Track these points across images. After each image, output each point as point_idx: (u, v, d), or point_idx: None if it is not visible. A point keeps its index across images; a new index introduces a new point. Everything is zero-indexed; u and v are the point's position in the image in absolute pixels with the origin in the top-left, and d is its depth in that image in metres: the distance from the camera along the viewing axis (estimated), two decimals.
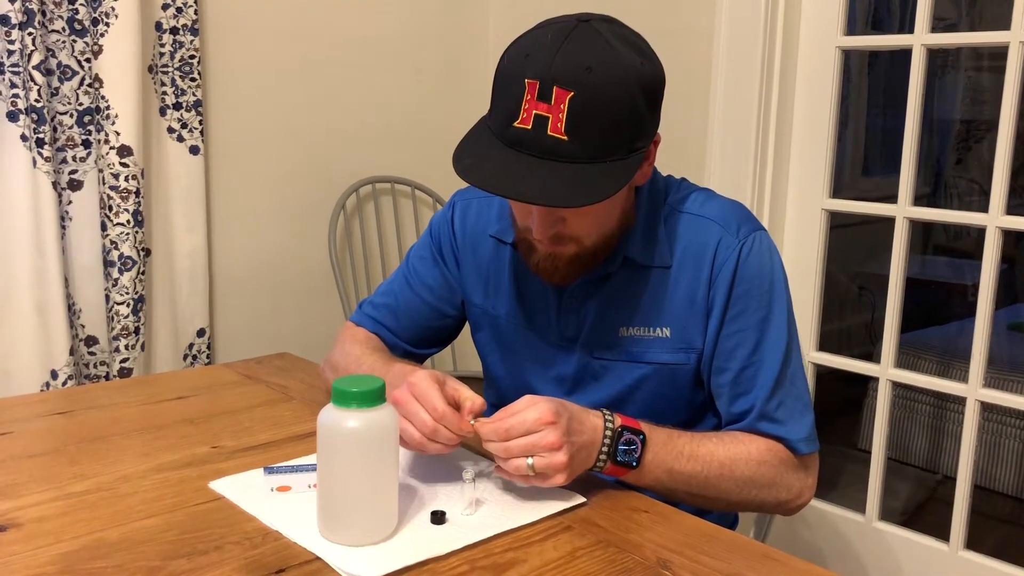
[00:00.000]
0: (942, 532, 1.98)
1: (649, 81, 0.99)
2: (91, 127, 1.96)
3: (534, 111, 0.95)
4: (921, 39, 1.89)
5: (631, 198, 1.12)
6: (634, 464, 1.00)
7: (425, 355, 1.33)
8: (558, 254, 1.09)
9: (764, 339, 1.10)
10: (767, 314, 1.10)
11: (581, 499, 0.99)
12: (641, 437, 1.00)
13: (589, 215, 1.04)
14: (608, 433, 0.99)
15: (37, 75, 1.83)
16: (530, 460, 0.93)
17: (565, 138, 0.95)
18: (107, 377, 2.05)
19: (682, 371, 1.14)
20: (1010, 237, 1.87)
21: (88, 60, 1.93)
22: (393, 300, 1.30)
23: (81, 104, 1.94)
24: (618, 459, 0.99)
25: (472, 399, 0.98)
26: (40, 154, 1.86)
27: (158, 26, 2.03)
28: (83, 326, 2.02)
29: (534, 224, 1.05)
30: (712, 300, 1.11)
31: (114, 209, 1.97)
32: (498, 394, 1.30)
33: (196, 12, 2.06)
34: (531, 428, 0.93)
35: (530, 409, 0.94)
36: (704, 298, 1.11)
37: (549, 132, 0.95)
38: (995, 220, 1.83)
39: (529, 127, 0.96)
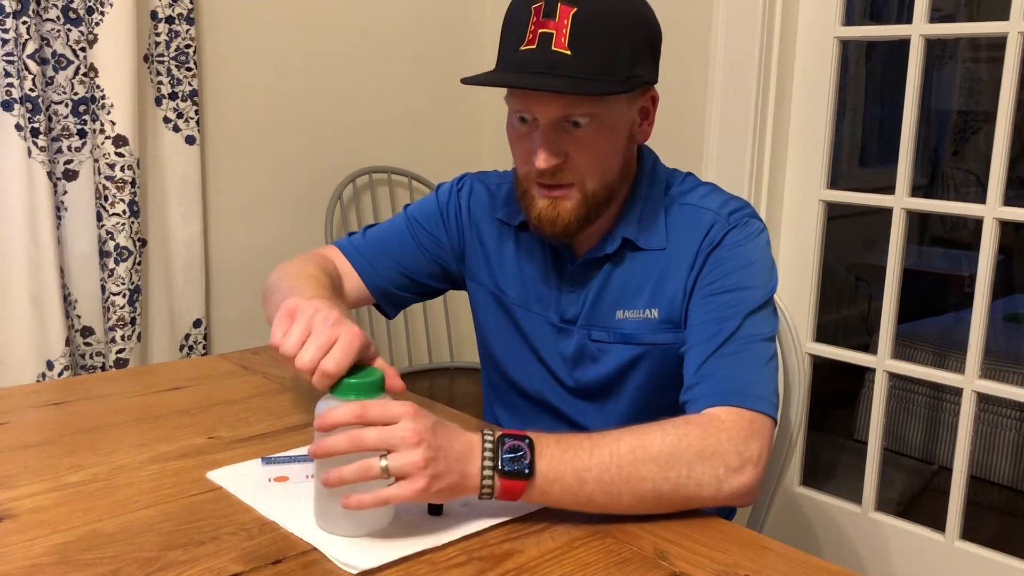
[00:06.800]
0: (938, 522, 1.98)
1: (650, 22, 1.05)
2: (86, 117, 1.95)
3: (539, 30, 1.00)
4: (919, 29, 1.89)
5: (632, 153, 1.14)
6: (526, 472, 0.87)
7: (379, 306, 1.31)
8: (559, 199, 1.07)
9: (729, 306, 1.06)
10: (738, 285, 1.08)
11: None
12: (527, 441, 0.89)
13: (591, 149, 1.05)
14: (488, 445, 0.88)
15: (32, 64, 1.82)
16: (384, 462, 0.83)
17: (568, 52, 0.99)
18: (103, 368, 2.05)
19: (672, 351, 1.14)
20: (1007, 228, 1.86)
21: (83, 49, 1.92)
22: (384, 234, 1.30)
23: (76, 93, 1.93)
24: (506, 469, 0.87)
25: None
26: (35, 144, 1.85)
27: (153, 15, 2.02)
28: (79, 316, 2.01)
29: (538, 150, 1.03)
30: (695, 277, 1.11)
31: (110, 199, 1.96)
32: (500, 374, 1.31)
33: (191, 1, 2.05)
34: (388, 418, 0.85)
35: (393, 404, 0.86)
36: (686, 277, 1.12)
37: (553, 47, 0.99)
38: (992, 211, 1.83)
39: (535, 46, 1.00)
